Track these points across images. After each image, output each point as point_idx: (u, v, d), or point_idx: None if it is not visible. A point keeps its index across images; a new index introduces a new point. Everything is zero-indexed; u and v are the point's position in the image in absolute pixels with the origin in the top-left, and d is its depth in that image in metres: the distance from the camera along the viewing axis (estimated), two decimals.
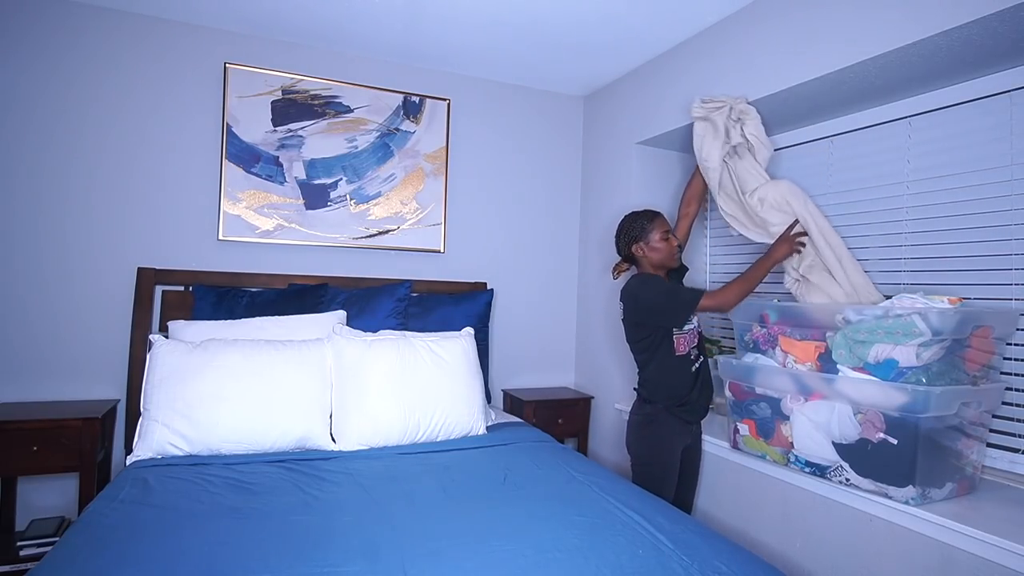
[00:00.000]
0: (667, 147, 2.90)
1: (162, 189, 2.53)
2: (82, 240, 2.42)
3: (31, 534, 2.13)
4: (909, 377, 1.60)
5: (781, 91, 2.06)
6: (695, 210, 2.38)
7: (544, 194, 3.31)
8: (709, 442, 2.32)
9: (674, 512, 1.65)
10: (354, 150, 2.83)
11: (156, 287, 2.50)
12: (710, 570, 1.31)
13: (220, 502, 1.58)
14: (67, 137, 2.39)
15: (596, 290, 3.18)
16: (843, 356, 1.74)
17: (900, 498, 1.62)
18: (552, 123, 3.33)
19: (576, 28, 2.49)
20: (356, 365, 2.19)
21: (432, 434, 2.21)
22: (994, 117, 1.83)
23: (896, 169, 2.09)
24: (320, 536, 1.40)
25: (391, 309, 2.64)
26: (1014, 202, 1.77)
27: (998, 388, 1.70)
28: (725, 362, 2.16)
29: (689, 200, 2.37)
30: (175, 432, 1.92)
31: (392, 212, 2.90)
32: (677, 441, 2.08)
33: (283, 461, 1.94)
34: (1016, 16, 1.46)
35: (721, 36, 2.35)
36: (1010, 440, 1.78)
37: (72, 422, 2.09)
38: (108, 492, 1.63)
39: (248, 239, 2.63)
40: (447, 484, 1.79)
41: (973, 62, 1.74)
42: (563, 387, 3.31)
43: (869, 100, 2.09)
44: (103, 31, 2.44)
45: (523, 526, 1.50)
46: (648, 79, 2.80)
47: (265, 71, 2.66)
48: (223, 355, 2.05)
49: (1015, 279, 1.77)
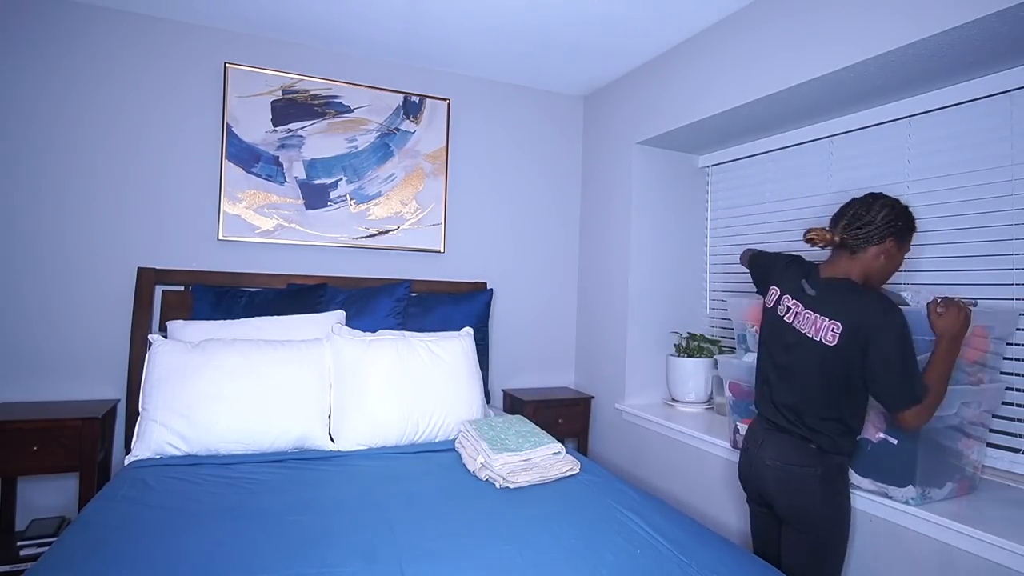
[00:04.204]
0: (667, 147, 2.90)
1: (162, 189, 2.53)
2: (82, 240, 2.42)
3: (31, 534, 2.14)
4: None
5: (781, 91, 2.06)
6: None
7: (544, 194, 3.31)
8: (709, 442, 2.31)
9: (672, 512, 1.65)
10: (354, 150, 2.83)
11: (156, 287, 2.50)
12: (708, 571, 1.30)
13: (218, 502, 1.58)
14: (67, 137, 2.40)
15: (596, 290, 3.18)
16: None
17: (900, 498, 1.62)
18: (552, 123, 3.32)
19: (576, 28, 2.49)
20: (355, 365, 2.19)
21: (431, 434, 2.21)
22: (994, 117, 1.83)
23: (896, 169, 2.09)
24: (318, 536, 1.40)
25: (390, 309, 2.64)
26: (1014, 202, 1.77)
27: (998, 388, 1.69)
28: (725, 362, 2.16)
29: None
30: (174, 432, 1.92)
31: (392, 212, 2.90)
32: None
33: (281, 461, 1.94)
34: (1016, 16, 1.46)
35: (721, 36, 2.35)
36: (1010, 440, 1.78)
37: (72, 422, 2.09)
38: (106, 492, 1.63)
39: (248, 239, 2.63)
40: (446, 484, 1.79)
41: (973, 62, 1.74)
42: (563, 387, 3.31)
43: (869, 100, 2.09)
44: (103, 31, 2.44)
45: (521, 526, 1.50)
46: (648, 79, 2.79)
47: (265, 71, 2.66)
48: (222, 355, 2.05)
49: (1015, 279, 1.77)
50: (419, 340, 2.35)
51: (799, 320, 1.59)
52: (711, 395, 2.74)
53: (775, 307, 1.69)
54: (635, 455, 2.79)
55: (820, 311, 1.54)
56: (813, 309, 1.56)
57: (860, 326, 1.45)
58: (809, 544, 1.54)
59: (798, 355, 1.57)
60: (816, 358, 1.52)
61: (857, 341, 1.45)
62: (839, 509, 1.55)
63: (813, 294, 1.58)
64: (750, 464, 1.68)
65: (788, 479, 1.55)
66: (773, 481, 1.58)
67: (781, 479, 1.56)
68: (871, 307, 1.46)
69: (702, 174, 3.04)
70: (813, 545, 1.53)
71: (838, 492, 1.54)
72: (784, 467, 1.56)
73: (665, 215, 2.94)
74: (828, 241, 1.57)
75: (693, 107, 2.47)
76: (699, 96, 2.44)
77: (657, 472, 2.63)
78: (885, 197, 1.56)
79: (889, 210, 1.53)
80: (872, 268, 1.55)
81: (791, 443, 1.57)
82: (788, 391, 1.60)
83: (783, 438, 1.59)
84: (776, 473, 1.57)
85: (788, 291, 1.66)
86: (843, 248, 1.58)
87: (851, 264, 1.57)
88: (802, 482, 1.53)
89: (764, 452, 1.62)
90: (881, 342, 1.42)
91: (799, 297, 1.61)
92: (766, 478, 1.60)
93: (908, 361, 1.42)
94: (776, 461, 1.58)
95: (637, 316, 2.87)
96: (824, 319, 1.51)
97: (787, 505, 1.55)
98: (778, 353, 1.65)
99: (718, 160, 2.91)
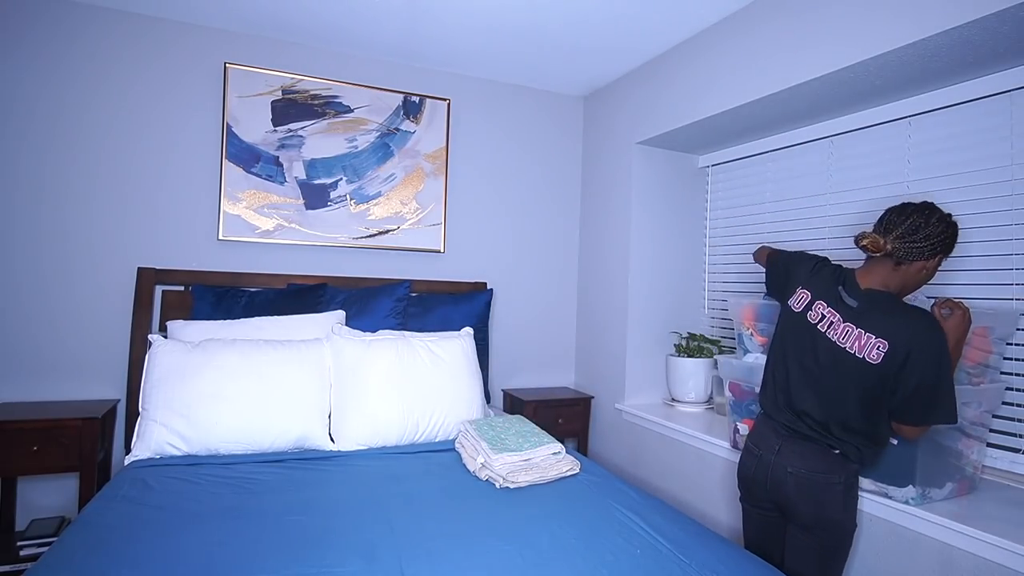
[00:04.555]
0: (667, 147, 2.90)
1: (162, 189, 2.53)
2: (82, 240, 2.42)
3: (31, 534, 2.14)
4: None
5: (781, 91, 2.06)
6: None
7: (544, 194, 3.31)
8: (709, 442, 2.31)
9: (672, 512, 1.65)
10: (354, 150, 2.83)
11: (156, 287, 2.50)
12: (708, 570, 1.31)
13: (218, 502, 1.58)
14: (67, 137, 2.40)
15: (596, 290, 3.18)
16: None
17: (900, 498, 1.62)
18: (552, 123, 3.32)
19: (576, 28, 2.49)
20: (355, 365, 2.19)
21: (431, 434, 2.21)
22: (994, 117, 1.83)
23: (896, 169, 2.09)
24: (318, 536, 1.40)
25: (390, 309, 2.64)
26: (1014, 202, 1.77)
27: (998, 388, 1.69)
28: (725, 362, 2.16)
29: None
30: (173, 432, 1.92)
31: (392, 212, 2.90)
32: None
33: (281, 461, 1.94)
34: (1016, 16, 1.46)
35: (721, 36, 2.35)
36: (1010, 440, 1.78)
37: (72, 422, 2.09)
38: (106, 492, 1.63)
39: (248, 239, 2.63)
40: (446, 484, 1.79)
41: (973, 62, 1.74)
42: (563, 387, 3.31)
43: (869, 100, 2.09)
44: (103, 31, 2.44)
45: (521, 526, 1.50)
46: (648, 79, 2.79)
47: (265, 71, 2.66)
48: (222, 355, 2.05)
49: (1015, 279, 1.77)
50: (419, 340, 2.35)
51: (836, 332, 1.52)
52: (711, 395, 2.74)
53: (804, 312, 1.61)
54: (635, 455, 2.79)
55: (863, 326, 1.47)
56: (854, 323, 1.49)
57: (906, 346, 1.40)
58: (821, 547, 1.53)
59: (833, 367, 1.52)
60: (854, 374, 1.47)
61: (898, 359, 1.41)
62: (855, 515, 1.56)
63: (854, 306, 1.52)
64: (764, 469, 1.63)
65: (811, 486, 1.53)
66: (795, 488, 1.55)
67: (804, 486, 1.53)
68: (918, 326, 1.41)
69: (702, 174, 3.04)
70: (825, 549, 1.53)
71: (854, 498, 1.55)
72: (808, 475, 1.53)
73: (665, 215, 2.94)
74: (880, 249, 1.50)
75: (693, 107, 2.47)
76: (699, 96, 2.44)
77: (657, 472, 2.63)
78: (941, 211, 1.49)
79: (946, 226, 1.47)
80: (912, 281, 1.52)
81: (815, 451, 1.54)
82: (814, 400, 1.56)
83: (807, 446, 1.56)
84: (798, 480, 1.54)
85: (822, 297, 1.59)
86: (887, 257, 1.51)
87: (892, 275, 1.51)
88: (827, 490, 1.51)
89: (784, 459, 1.58)
90: (922, 363, 1.39)
91: (836, 307, 1.55)
92: (786, 484, 1.57)
93: (942, 385, 1.40)
94: (800, 469, 1.54)
95: (637, 316, 2.87)
96: (870, 336, 1.45)
97: (809, 512, 1.53)
98: (807, 361, 1.58)
99: (718, 160, 2.91)
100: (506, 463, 1.81)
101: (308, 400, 2.09)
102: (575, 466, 1.91)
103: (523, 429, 2.06)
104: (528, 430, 2.06)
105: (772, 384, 1.69)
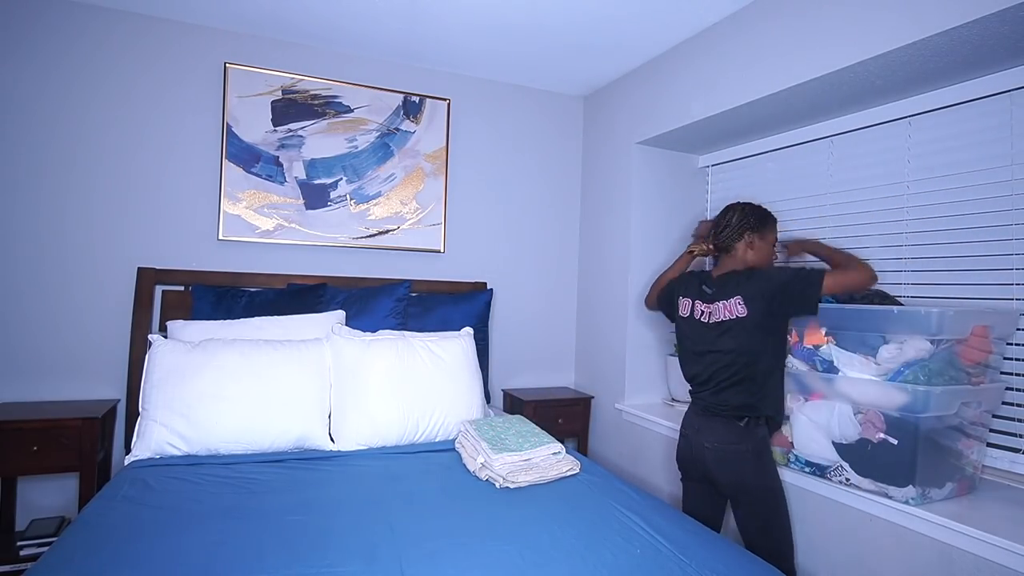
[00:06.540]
0: (667, 147, 2.90)
1: (162, 189, 2.53)
2: (82, 240, 2.42)
3: (31, 534, 2.14)
4: (907, 376, 1.60)
5: (781, 91, 2.06)
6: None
7: (544, 194, 3.31)
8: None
9: (671, 512, 1.65)
10: (354, 150, 2.83)
11: (156, 287, 2.50)
12: (708, 570, 1.30)
13: (218, 502, 1.58)
14: (67, 137, 2.39)
15: (596, 290, 3.18)
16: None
17: (900, 498, 1.62)
18: (552, 123, 3.32)
19: (576, 28, 2.49)
20: (355, 365, 2.19)
21: (431, 434, 2.21)
22: (994, 117, 1.82)
23: (896, 169, 2.09)
24: (318, 536, 1.40)
25: (390, 309, 2.64)
26: (1014, 202, 1.77)
27: (998, 388, 1.69)
28: None
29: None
30: (173, 432, 1.92)
31: (392, 212, 2.90)
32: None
33: (281, 461, 1.94)
34: (1016, 16, 1.46)
35: (721, 36, 2.35)
36: (1010, 440, 1.78)
37: (72, 422, 2.09)
38: (106, 492, 1.63)
39: (248, 239, 2.63)
40: (446, 484, 1.79)
41: (973, 62, 1.74)
42: (563, 387, 3.31)
43: (869, 100, 2.09)
44: (103, 31, 2.44)
45: (521, 526, 1.50)
46: (648, 79, 2.79)
47: (265, 71, 2.66)
48: (222, 355, 2.05)
49: (1015, 279, 1.77)
50: (419, 340, 2.35)
51: (709, 315, 1.89)
52: None
53: (689, 314, 1.97)
54: (635, 455, 2.78)
55: (721, 299, 1.85)
56: (716, 300, 1.87)
57: (751, 286, 1.78)
58: (755, 516, 1.78)
59: (719, 341, 1.83)
60: (738, 333, 1.79)
61: (755, 296, 1.76)
62: (775, 479, 1.80)
63: (712, 291, 1.91)
64: (690, 447, 1.91)
65: (725, 457, 1.80)
66: (713, 460, 1.82)
67: (719, 458, 1.81)
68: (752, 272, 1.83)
69: (702, 174, 3.04)
70: (759, 516, 1.77)
71: (769, 463, 1.79)
72: (721, 447, 1.80)
73: (665, 215, 2.94)
74: (709, 251, 2.05)
75: (693, 107, 2.47)
76: (699, 96, 2.44)
77: (657, 472, 2.63)
78: (737, 203, 1.96)
79: (741, 213, 1.92)
80: (747, 259, 1.91)
81: (724, 424, 1.81)
82: (715, 378, 1.84)
83: (716, 421, 1.84)
84: (715, 453, 1.81)
85: (694, 297, 1.97)
86: (723, 251, 1.96)
87: (731, 261, 1.93)
88: (739, 458, 1.78)
89: (702, 437, 1.86)
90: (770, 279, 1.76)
91: (703, 298, 1.93)
92: (706, 458, 1.84)
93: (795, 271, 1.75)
94: (714, 443, 1.82)
95: (637, 316, 2.87)
96: (727, 302, 1.83)
97: (729, 482, 1.79)
98: (700, 347, 1.91)
99: (718, 160, 2.91)
100: (506, 463, 1.81)
101: (308, 400, 2.09)
102: (575, 466, 1.91)
103: (523, 429, 2.06)
104: (528, 430, 2.06)
105: (687, 376, 2.00)
